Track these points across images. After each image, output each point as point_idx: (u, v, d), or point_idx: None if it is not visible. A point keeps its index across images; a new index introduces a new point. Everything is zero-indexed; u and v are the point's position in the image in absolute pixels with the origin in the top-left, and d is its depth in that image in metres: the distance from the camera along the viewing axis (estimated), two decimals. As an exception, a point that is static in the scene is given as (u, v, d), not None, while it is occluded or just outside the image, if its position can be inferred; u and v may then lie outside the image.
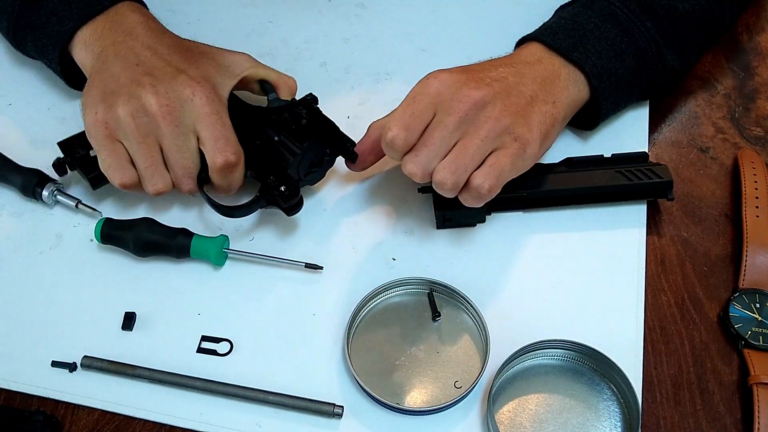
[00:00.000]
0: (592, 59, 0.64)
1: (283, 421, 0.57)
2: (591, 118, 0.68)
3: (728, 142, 0.72)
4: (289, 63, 0.78)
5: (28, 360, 0.60)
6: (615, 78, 0.65)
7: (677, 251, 0.65)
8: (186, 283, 0.64)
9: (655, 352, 0.60)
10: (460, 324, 0.60)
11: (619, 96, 0.67)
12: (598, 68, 0.64)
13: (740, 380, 0.58)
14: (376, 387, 0.56)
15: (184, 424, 0.57)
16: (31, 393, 0.59)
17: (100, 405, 0.58)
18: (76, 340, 0.61)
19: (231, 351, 0.60)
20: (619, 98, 0.68)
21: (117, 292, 0.63)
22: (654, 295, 0.62)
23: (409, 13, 0.82)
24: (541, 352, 0.58)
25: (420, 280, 0.61)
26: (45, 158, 0.71)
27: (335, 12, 0.83)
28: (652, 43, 0.65)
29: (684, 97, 0.75)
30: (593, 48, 0.64)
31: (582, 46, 0.64)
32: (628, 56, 0.65)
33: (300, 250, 0.64)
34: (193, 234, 0.64)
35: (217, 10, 0.83)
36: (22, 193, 0.68)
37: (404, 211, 0.67)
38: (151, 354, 0.60)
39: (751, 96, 0.75)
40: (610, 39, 0.65)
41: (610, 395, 0.57)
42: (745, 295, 0.61)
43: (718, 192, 0.68)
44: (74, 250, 0.66)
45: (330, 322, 0.61)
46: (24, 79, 0.78)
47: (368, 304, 0.61)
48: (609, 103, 0.67)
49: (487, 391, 0.57)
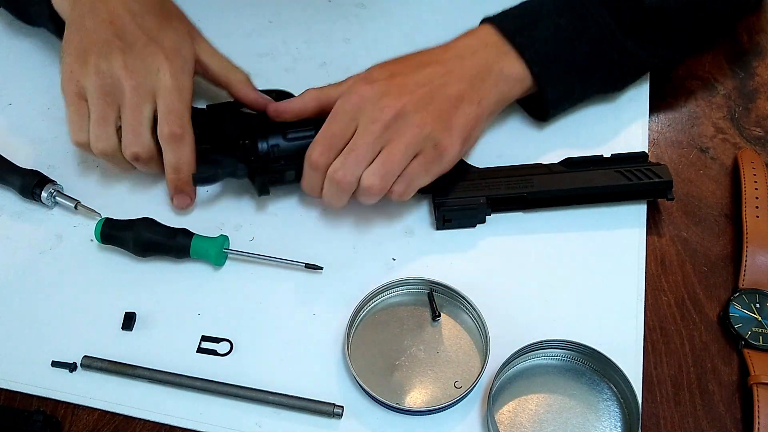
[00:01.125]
0: (536, 46, 0.64)
1: (283, 421, 0.57)
2: (540, 107, 0.68)
3: (728, 142, 0.72)
4: (289, 63, 0.78)
5: (28, 360, 0.60)
6: (563, 65, 0.65)
7: (677, 251, 0.65)
8: (186, 283, 0.64)
9: (655, 352, 0.60)
10: (460, 324, 0.60)
11: (569, 84, 0.67)
12: (540, 55, 0.64)
13: (740, 380, 0.58)
14: (376, 387, 0.56)
15: (184, 424, 0.57)
16: (31, 393, 0.59)
17: (100, 405, 0.58)
18: (76, 340, 0.61)
19: (231, 351, 0.60)
20: (570, 86, 0.67)
21: (117, 292, 0.63)
22: (654, 295, 0.62)
23: (409, 13, 0.82)
24: (541, 352, 0.58)
25: (420, 281, 0.61)
26: (45, 158, 0.71)
27: (335, 12, 0.83)
28: (607, 31, 0.65)
29: (684, 97, 0.75)
30: (541, 34, 0.64)
31: (528, 31, 0.64)
32: (580, 43, 0.65)
33: (300, 250, 0.64)
34: (193, 234, 0.64)
35: (217, 10, 0.83)
36: (21, 195, 0.68)
37: (404, 211, 0.67)
38: (151, 354, 0.60)
39: (751, 96, 0.75)
40: (562, 26, 0.64)
41: (610, 395, 0.57)
42: (745, 295, 0.61)
43: (718, 192, 0.68)
44: (74, 250, 0.66)
45: (330, 322, 0.61)
46: (24, 79, 0.78)
47: (368, 304, 0.61)
48: (556, 91, 0.66)
49: (487, 391, 0.57)
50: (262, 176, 0.64)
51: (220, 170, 0.64)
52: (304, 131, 0.64)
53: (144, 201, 0.69)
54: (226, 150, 0.65)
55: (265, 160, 0.63)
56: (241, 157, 0.64)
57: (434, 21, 0.81)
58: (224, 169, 0.64)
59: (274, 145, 0.63)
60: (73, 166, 0.71)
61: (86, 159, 0.72)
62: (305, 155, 0.61)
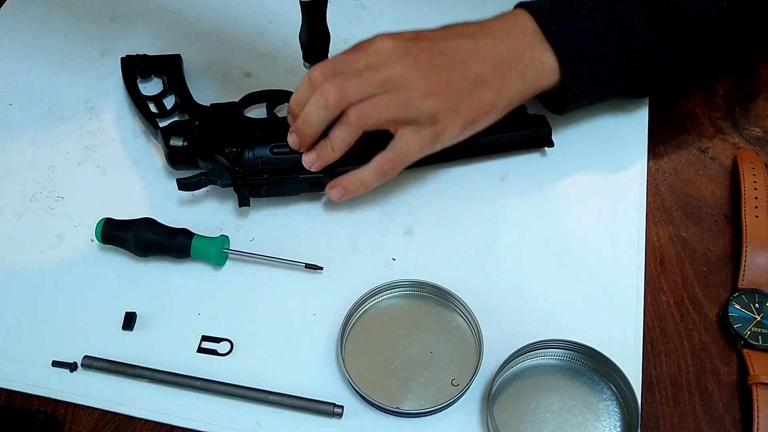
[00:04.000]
0: (567, 37, 0.61)
1: (283, 420, 0.57)
2: (560, 101, 0.66)
3: (728, 142, 0.72)
4: (290, 63, 0.78)
5: (28, 360, 0.60)
6: (591, 62, 0.62)
7: (676, 251, 0.65)
8: (186, 283, 0.64)
9: (655, 352, 0.60)
10: (452, 323, 0.60)
11: (593, 83, 0.64)
12: (572, 47, 0.61)
13: (739, 380, 0.58)
14: (374, 392, 0.56)
15: (184, 423, 0.57)
16: (31, 393, 0.59)
17: (100, 405, 0.58)
18: (76, 340, 0.61)
19: (231, 351, 0.60)
20: (593, 86, 0.65)
21: (117, 292, 0.63)
22: (653, 295, 0.63)
23: (409, 13, 0.82)
24: (541, 352, 0.58)
25: (409, 282, 0.61)
26: (45, 159, 0.72)
27: (335, 12, 0.82)
28: (641, 37, 0.63)
29: (684, 98, 0.75)
30: (575, 26, 0.61)
31: (563, 22, 0.62)
32: (612, 44, 0.62)
33: (300, 250, 0.64)
34: (193, 234, 0.64)
35: (217, 10, 0.83)
36: None
37: (404, 211, 0.68)
38: (151, 354, 0.60)
39: (750, 96, 0.75)
40: (597, 21, 0.62)
41: (610, 395, 0.57)
42: (745, 295, 0.61)
43: (718, 192, 0.69)
44: (74, 250, 0.66)
45: (330, 322, 0.61)
46: (24, 79, 0.78)
47: (358, 310, 0.61)
48: (580, 88, 0.64)
49: (486, 391, 0.57)
50: (243, 188, 0.64)
51: (204, 177, 0.65)
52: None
53: (144, 201, 0.69)
54: (218, 151, 0.65)
55: (249, 173, 0.64)
56: (226, 166, 0.64)
57: (434, 21, 0.81)
58: (209, 176, 0.65)
59: (260, 157, 0.64)
60: (73, 166, 0.71)
61: (86, 159, 0.72)
62: (305, 75, 0.59)
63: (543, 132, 0.69)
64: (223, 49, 0.80)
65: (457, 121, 0.59)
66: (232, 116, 0.68)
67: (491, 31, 0.61)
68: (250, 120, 0.69)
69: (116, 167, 0.71)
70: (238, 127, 0.67)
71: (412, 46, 0.59)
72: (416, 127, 0.58)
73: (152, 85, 0.76)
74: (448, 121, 0.58)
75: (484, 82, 0.59)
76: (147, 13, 0.84)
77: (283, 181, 0.64)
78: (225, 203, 0.68)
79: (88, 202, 0.68)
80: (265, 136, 0.65)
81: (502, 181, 0.69)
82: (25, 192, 0.70)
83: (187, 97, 0.72)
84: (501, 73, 0.60)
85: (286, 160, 0.64)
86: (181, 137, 0.66)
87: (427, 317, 0.61)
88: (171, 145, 0.66)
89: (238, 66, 0.78)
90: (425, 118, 0.58)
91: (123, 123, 0.74)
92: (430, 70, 0.58)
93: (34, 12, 0.84)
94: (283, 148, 0.64)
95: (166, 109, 0.73)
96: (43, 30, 0.82)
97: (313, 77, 0.58)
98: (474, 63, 0.59)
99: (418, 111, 0.58)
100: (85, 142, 0.73)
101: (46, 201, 0.69)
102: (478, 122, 0.60)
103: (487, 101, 0.60)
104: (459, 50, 0.59)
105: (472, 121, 0.60)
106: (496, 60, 0.60)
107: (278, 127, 0.66)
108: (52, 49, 0.81)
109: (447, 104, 0.58)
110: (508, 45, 0.61)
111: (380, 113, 0.57)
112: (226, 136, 0.65)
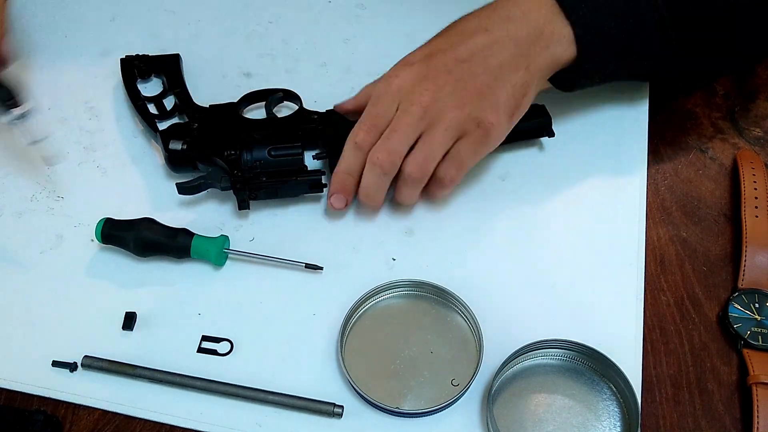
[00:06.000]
0: (584, 9, 0.60)
1: (283, 420, 0.57)
2: (571, 76, 0.64)
3: (727, 142, 0.72)
4: (290, 63, 0.78)
5: (28, 360, 0.60)
6: (606, 38, 0.61)
7: (676, 251, 0.65)
8: (186, 283, 0.64)
9: (655, 352, 0.60)
10: (452, 323, 0.60)
11: (606, 59, 0.63)
12: (587, 19, 0.60)
13: (739, 380, 0.58)
14: (374, 392, 0.56)
15: (184, 423, 0.57)
16: (31, 393, 0.59)
17: (100, 405, 0.58)
18: (76, 340, 0.61)
19: (231, 351, 0.60)
20: (607, 61, 0.63)
21: (117, 292, 0.63)
22: (653, 295, 0.63)
23: (409, 13, 0.82)
24: (541, 352, 0.58)
25: (409, 282, 0.61)
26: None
27: (335, 12, 0.83)
28: (656, 15, 0.61)
29: (683, 97, 0.75)
30: (592, 1, 0.60)
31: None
32: (628, 20, 0.61)
33: (300, 250, 0.64)
34: (193, 234, 0.64)
35: (217, 10, 0.83)
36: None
37: (404, 211, 0.68)
38: (151, 354, 0.60)
39: (750, 96, 0.75)
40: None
41: (610, 395, 0.57)
42: (745, 295, 0.61)
43: (718, 192, 0.69)
44: (74, 250, 0.66)
45: (330, 322, 0.61)
46: (24, 79, 0.78)
47: (358, 310, 0.61)
48: (593, 62, 0.62)
49: (486, 391, 0.57)
50: (242, 192, 0.64)
51: (204, 181, 0.65)
52: (290, 149, 0.64)
53: (144, 201, 0.69)
54: (217, 154, 0.65)
55: (248, 176, 0.64)
56: (225, 169, 0.64)
57: (434, 21, 0.81)
58: (208, 179, 0.65)
59: (258, 160, 0.64)
60: (73, 166, 0.71)
61: (86, 159, 0.72)
62: (348, 138, 0.61)
63: (543, 122, 0.68)
64: (223, 49, 0.80)
65: (500, 114, 0.59)
66: (230, 118, 0.69)
67: (507, 14, 0.61)
68: (248, 121, 0.69)
69: (116, 167, 0.71)
70: (237, 129, 0.67)
71: (428, 69, 0.59)
72: (465, 137, 0.59)
73: (152, 85, 0.76)
74: (492, 117, 0.59)
75: (510, 67, 0.59)
76: (147, 13, 0.84)
77: (282, 183, 0.64)
78: (225, 203, 0.68)
79: (88, 202, 0.68)
80: (263, 138, 0.65)
81: (502, 181, 0.69)
82: (25, 192, 0.70)
83: (186, 99, 0.72)
84: (524, 52, 0.60)
85: (285, 163, 0.64)
86: (180, 140, 0.66)
87: (427, 317, 0.61)
88: (170, 149, 0.66)
89: (237, 66, 0.78)
90: (469, 127, 0.59)
91: (123, 123, 0.74)
92: (454, 84, 0.58)
93: (33, 12, 0.84)
94: (281, 150, 0.64)
95: (166, 110, 0.73)
96: (43, 30, 0.82)
97: (358, 141, 0.60)
98: (494, 55, 0.59)
99: (459, 125, 0.58)
100: (85, 142, 0.73)
101: (46, 201, 0.69)
102: (521, 106, 0.61)
103: (520, 83, 0.60)
104: (476, 51, 0.59)
105: (514, 107, 0.60)
106: (516, 42, 0.60)
107: (276, 129, 0.66)
108: (52, 49, 0.81)
109: (482, 105, 0.58)
110: (526, 24, 0.60)
111: (433, 154, 0.59)
112: (225, 139, 0.65)
